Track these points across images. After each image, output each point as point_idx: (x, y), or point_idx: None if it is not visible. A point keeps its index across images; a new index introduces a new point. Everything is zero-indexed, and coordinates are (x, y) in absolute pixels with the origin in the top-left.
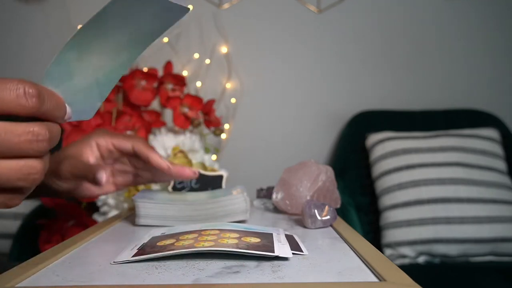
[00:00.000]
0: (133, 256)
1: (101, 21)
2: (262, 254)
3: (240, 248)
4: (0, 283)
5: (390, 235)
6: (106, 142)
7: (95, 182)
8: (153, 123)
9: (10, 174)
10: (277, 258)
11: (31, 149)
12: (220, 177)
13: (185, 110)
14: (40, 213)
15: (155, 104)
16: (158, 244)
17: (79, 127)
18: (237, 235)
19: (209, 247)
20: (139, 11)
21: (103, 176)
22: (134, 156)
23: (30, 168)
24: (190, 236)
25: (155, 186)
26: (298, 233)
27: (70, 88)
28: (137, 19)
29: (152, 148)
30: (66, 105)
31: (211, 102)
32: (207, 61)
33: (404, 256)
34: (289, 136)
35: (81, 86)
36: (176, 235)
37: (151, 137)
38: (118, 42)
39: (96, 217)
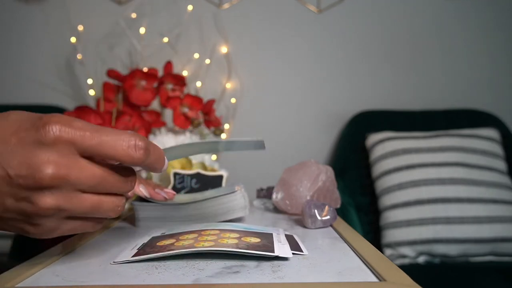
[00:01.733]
0: (133, 256)
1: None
2: (262, 254)
3: (240, 248)
4: (0, 283)
5: (390, 235)
6: None
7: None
8: (153, 123)
9: (107, 207)
10: (277, 258)
11: (122, 188)
12: (220, 177)
13: (185, 110)
14: None
15: (155, 104)
16: (158, 244)
17: None
18: (237, 235)
19: (209, 247)
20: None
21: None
22: None
23: (119, 202)
24: (190, 236)
25: None
26: (298, 233)
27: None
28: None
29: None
30: (165, 158)
31: (211, 102)
32: (207, 61)
33: (404, 256)
34: (289, 136)
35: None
36: (176, 235)
37: (151, 137)
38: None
39: None
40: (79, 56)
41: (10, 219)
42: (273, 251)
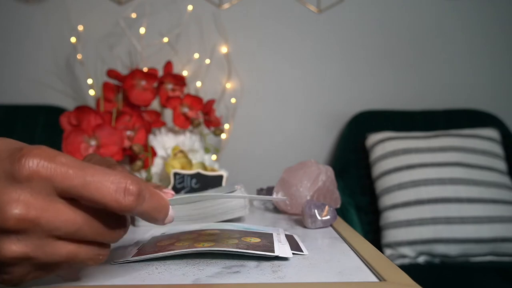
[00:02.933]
0: (133, 256)
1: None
2: (262, 254)
3: (240, 248)
4: (0, 283)
5: (390, 235)
6: None
7: None
8: (153, 123)
9: (86, 255)
10: (277, 258)
11: (106, 238)
12: (220, 177)
13: (185, 110)
14: None
15: (155, 104)
16: (158, 244)
17: (79, 126)
18: (237, 235)
19: (209, 247)
20: None
21: None
22: None
23: (101, 251)
24: (190, 236)
25: None
26: (298, 233)
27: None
28: None
29: None
30: (170, 207)
31: (211, 102)
32: (207, 61)
33: (404, 256)
34: (289, 136)
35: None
36: (176, 235)
37: (151, 137)
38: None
39: None
40: (79, 56)
41: None
42: (273, 251)
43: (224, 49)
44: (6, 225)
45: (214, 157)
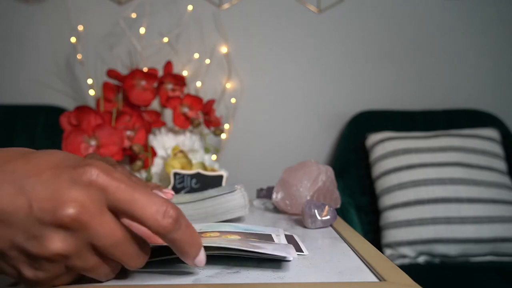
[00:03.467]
0: None
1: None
2: (263, 255)
3: (241, 247)
4: (0, 283)
5: (390, 235)
6: None
7: None
8: (153, 123)
9: (104, 271)
10: (277, 258)
11: (130, 260)
12: (220, 177)
13: (185, 110)
14: None
15: (155, 104)
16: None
17: (79, 126)
18: (238, 237)
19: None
20: None
21: None
22: None
23: (115, 269)
24: None
25: None
26: (298, 233)
27: None
28: None
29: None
30: (203, 250)
31: (211, 102)
32: (207, 61)
33: (404, 256)
34: (289, 136)
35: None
36: None
37: (151, 137)
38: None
39: None
40: (79, 56)
41: (11, 258)
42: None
43: (224, 49)
44: (62, 220)
45: (214, 157)
